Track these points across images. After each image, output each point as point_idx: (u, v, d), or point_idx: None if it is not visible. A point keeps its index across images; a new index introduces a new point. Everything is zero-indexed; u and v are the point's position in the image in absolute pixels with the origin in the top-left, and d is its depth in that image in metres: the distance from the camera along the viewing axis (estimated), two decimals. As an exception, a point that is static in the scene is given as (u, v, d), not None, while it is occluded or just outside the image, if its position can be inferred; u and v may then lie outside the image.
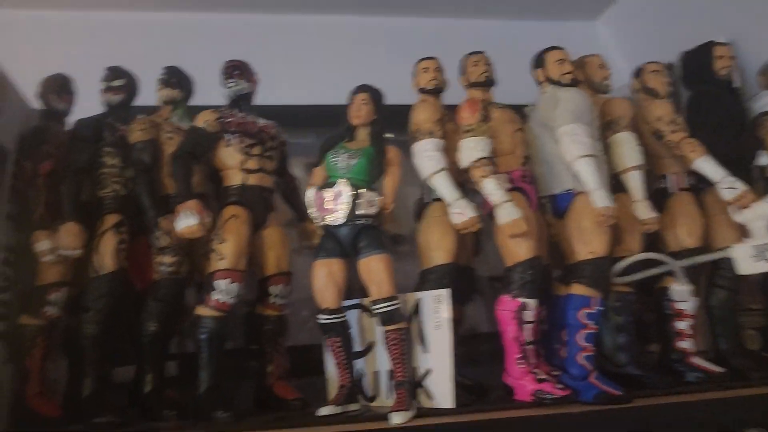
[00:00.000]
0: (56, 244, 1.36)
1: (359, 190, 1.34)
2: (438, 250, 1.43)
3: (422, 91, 1.54)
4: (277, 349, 1.46)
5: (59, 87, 1.53)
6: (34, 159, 1.45)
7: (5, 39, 1.36)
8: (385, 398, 1.38)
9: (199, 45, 2.00)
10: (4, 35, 1.35)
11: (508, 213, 1.32)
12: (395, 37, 2.24)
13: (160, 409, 1.33)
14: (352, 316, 1.43)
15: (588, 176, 1.35)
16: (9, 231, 1.41)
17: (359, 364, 1.43)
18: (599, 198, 1.33)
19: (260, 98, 1.57)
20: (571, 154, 1.37)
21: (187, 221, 1.29)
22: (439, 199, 1.45)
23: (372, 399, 1.42)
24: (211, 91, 1.54)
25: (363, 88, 1.42)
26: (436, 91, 1.54)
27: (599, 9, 2.41)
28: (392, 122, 1.43)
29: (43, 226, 1.39)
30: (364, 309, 1.45)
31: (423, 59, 1.56)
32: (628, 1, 2.33)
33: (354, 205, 1.33)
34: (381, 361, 1.40)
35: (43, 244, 1.37)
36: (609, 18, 2.42)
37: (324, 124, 1.66)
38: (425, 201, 1.50)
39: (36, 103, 1.54)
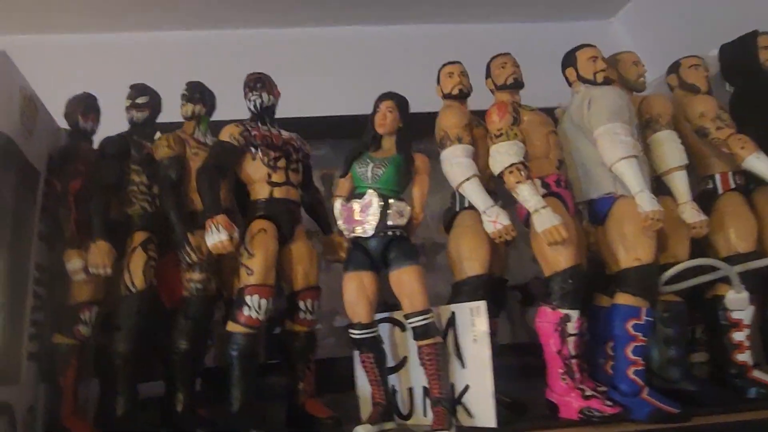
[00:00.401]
0: (87, 263, 1.37)
1: (389, 200, 1.30)
2: (470, 260, 1.37)
3: (447, 96, 1.50)
4: (308, 365, 1.42)
5: (85, 106, 1.54)
6: (64, 178, 1.46)
7: (32, 62, 1.39)
8: (421, 416, 1.32)
9: (215, 61, 2.03)
10: (30, 59, 1.39)
11: (546, 219, 1.26)
12: (407, 45, 2.24)
13: (193, 427, 1.30)
14: (383, 330, 1.38)
15: (631, 178, 1.27)
16: (41, 251, 1.42)
17: (392, 380, 1.37)
18: (645, 201, 1.25)
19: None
20: (611, 155, 1.29)
21: (217, 236, 1.27)
22: (469, 208, 1.40)
23: (407, 417, 1.36)
24: (230, 108, 1.53)
25: (388, 96, 1.39)
26: (462, 96, 1.49)
27: (615, 7, 2.35)
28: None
29: (74, 244, 1.39)
30: (395, 323, 1.40)
31: (447, 64, 1.52)
32: (644, -1, 2.27)
33: (384, 216, 1.29)
34: (415, 377, 1.34)
35: (74, 262, 1.37)
36: (624, 16, 2.35)
37: (338, 135, 1.63)
38: (455, 209, 1.45)
39: (63, 123, 1.56)
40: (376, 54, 2.21)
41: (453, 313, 1.31)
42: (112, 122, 1.56)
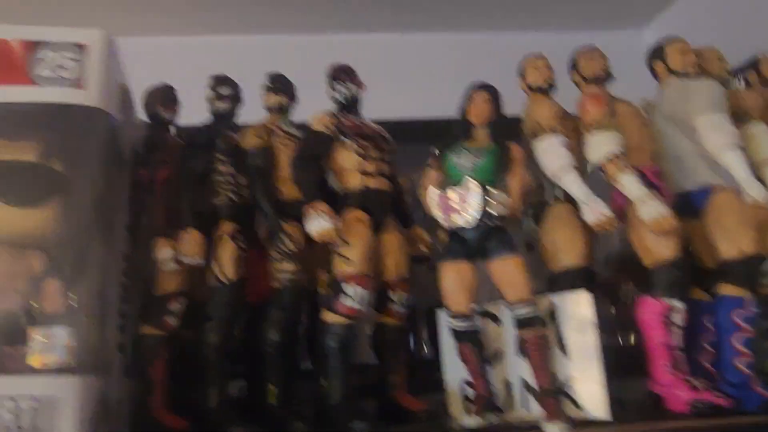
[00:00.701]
0: (178, 252, 1.35)
1: (489, 189, 1.30)
2: (566, 251, 1.37)
3: (534, 89, 1.50)
4: (399, 358, 1.40)
5: (165, 97, 1.54)
6: (151, 168, 1.45)
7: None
8: (521, 409, 1.30)
9: (269, 65, 2.05)
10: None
11: (654, 209, 1.25)
12: (441, 53, 2.34)
13: (291, 421, 1.27)
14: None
15: (739, 167, 1.27)
16: (127, 241, 1.40)
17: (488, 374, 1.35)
18: (755, 189, 1.25)
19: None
20: (718, 144, 1.29)
21: (320, 223, 1.26)
22: (563, 199, 1.40)
23: (503, 411, 1.33)
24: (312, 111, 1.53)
25: (483, 87, 1.39)
26: (549, 90, 1.50)
27: (648, 17, 2.39)
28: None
29: (164, 234, 1.38)
30: (488, 316, 1.38)
31: (532, 56, 1.53)
32: (678, 9, 2.31)
33: (485, 205, 1.28)
34: (513, 369, 1.32)
35: (165, 252, 1.35)
36: (658, 26, 2.39)
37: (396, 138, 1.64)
38: (547, 201, 1.45)
39: (143, 115, 1.56)
40: (425, 61, 2.30)
41: (552, 303, 1.30)
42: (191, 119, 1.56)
